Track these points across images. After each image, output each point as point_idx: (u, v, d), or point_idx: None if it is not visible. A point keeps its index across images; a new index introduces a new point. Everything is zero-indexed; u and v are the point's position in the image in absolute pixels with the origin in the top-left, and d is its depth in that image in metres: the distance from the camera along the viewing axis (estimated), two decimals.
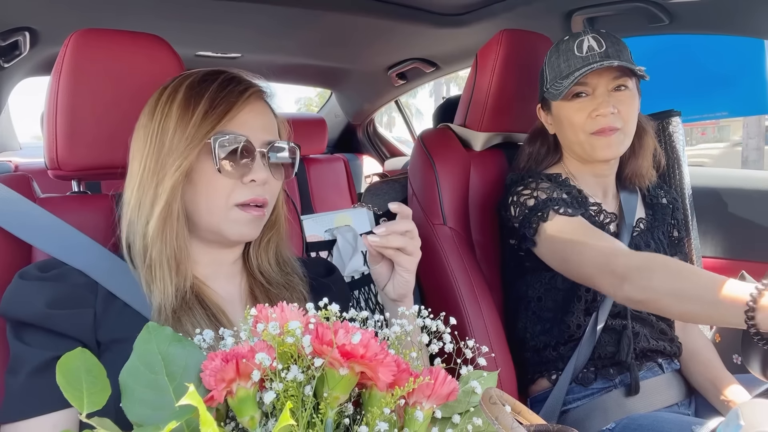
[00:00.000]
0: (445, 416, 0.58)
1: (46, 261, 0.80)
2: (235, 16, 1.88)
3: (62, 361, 0.49)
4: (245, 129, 0.81)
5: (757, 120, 13.93)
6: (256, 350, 0.49)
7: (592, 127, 1.19)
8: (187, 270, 0.80)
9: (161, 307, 0.77)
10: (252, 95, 0.83)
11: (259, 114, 0.84)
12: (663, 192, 1.39)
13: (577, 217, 1.16)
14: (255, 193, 0.82)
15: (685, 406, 1.25)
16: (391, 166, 3.39)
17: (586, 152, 1.23)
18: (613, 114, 1.17)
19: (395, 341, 0.59)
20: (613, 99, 1.18)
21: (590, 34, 1.21)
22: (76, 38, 0.95)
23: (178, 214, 0.80)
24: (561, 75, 1.21)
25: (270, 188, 0.84)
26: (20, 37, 1.76)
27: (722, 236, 1.73)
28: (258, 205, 0.82)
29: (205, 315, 0.79)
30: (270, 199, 0.85)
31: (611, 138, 1.19)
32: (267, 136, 0.84)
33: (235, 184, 0.81)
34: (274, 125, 0.87)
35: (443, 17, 1.91)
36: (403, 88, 2.85)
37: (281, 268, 0.92)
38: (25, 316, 0.73)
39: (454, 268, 1.35)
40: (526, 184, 1.24)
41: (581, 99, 1.20)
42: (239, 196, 0.81)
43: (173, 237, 0.79)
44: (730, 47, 1.80)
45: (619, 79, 1.20)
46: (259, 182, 0.82)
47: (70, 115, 0.93)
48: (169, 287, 0.78)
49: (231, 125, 0.80)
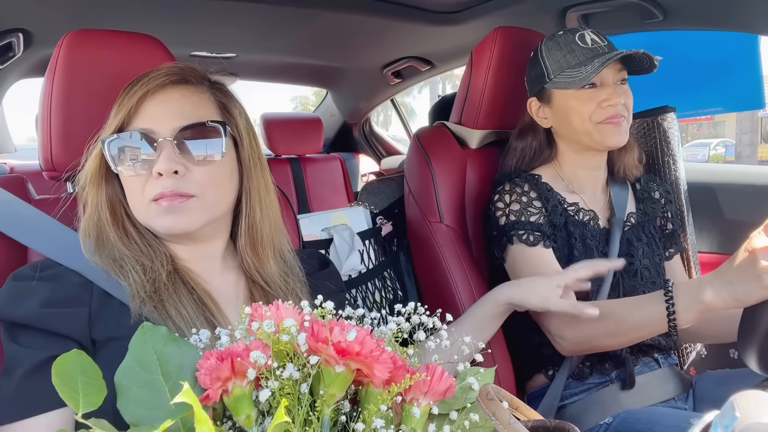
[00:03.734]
0: (443, 413, 0.58)
1: (41, 261, 0.80)
2: (230, 15, 1.88)
3: (58, 362, 0.49)
4: (148, 122, 0.79)
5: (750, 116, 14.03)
6: (252, 348, 0.49)
7: (600, 116, 1.21)
8: (155, 262, 0.80)
9: (135, 293, 0.77)
10: (158, 85, 0.80)
11: (166, 103, 0.81)
12: (655, 186, 1.40)
13: (537, 248, 1.21)
14: (163, 186, 0.78)
15: (682, 401, 1.25)
16: (387, 165, 3.39)
17: (595, 140, 1.24)
18: (621, 104, 1.21)
19: (391, 339, 0.59)
20: (619, 90, 1.21)
21: (588, 29, 1.24)
22: (69, 39, 0.94)
23: (112, 218, 0.81)
24: (569, 65, 1.22)
25: (191, 178, 0.79)
26: (14, 39, 1.75)
27: (718, 231, 1.73)
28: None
29: (191, 299, 0.79)
30: (192, 189, 0.79)
31: (621, 126, 1.22)
32: (177, 122, 0.80)
33: (146, 179, 0.79)
34: (195, 109, 0.82)
35: (438, 15, 1.91)
36: (399, 86, 2.85)
37: (280, 268, 0.91)
38: (19, 317, 0.73)
39: (450, 265, 1.35)
40: (502, 193, 1.27)
41: (590, 89, 1.22)
42: (150, 191, 0.79)
43: (112, 242, 0.81)
44: (724, 43, 1.81)
45: (621, 72, 1.23)
46: (165, 174, 0.78)
47: (64, 116, 0.93)
48: (137, 277, 0.78)
49: (134, 122, 0.80)
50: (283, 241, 0.93)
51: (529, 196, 1.25)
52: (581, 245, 1.23)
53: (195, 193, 0.80)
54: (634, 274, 1.26)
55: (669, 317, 0.96)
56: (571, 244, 1.23)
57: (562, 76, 1.23)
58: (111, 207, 0.83)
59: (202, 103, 0.84)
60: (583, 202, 1.29)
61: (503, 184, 1.29)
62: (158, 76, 0.82)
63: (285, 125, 2.99)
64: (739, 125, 15.50)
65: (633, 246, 1.28)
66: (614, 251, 1.24)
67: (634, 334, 1.06)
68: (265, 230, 0.89)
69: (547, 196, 1.26)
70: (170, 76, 0.82)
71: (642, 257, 1.27)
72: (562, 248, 1.23)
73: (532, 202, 1.25)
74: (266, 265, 0.89)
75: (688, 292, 0.95)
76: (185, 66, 0.86)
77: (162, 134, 0.79)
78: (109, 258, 0.79)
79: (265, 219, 0.89)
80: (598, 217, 1.28)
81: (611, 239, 1.25)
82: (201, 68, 0.88)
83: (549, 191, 1.27)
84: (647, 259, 1.28)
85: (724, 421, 0.50)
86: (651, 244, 1.31)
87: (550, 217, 1.24)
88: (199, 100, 0.84)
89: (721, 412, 0.52)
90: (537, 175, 1.30)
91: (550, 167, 1.33)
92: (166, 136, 0.79)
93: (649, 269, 1.27)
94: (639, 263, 1.27)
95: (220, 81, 0.89)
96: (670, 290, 0.96)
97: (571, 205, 1.27)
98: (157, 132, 0.79)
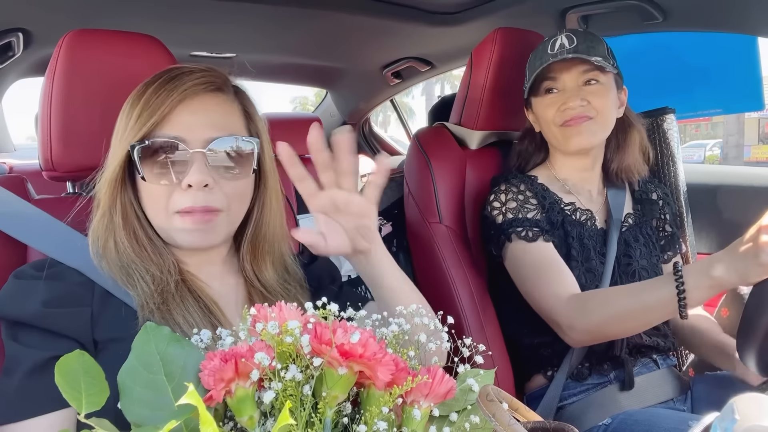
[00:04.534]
0: (443, 414, 0.58)
1: (42, 260, 0.80)
2: (229, 15, 1.88)
3: (61, 362, 0.49)
4: (179, 129, 0.76)
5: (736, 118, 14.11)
6: (255, 350, 0.49)
7: (560, 119, 1.23)
8: (164, 272, 0.78)
9: (144, 304, 0.76)
10: (191, 92, 0.77)
11: (200, 111, 0.78)
12: (653, 187, 1.40)
13: (536, 243, 1.21)
14: (193, 200, 0.75)
15: (681, 402, 1.26)
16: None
17: (561, 144, 1.26)
18: (582, 106, 1.21)
19: (393, 341, 0.59)
20: (583, 92, 1.22)
21: (565, 33, 1.24)
22: (69, 39, 0.94)
23: (124, 223, 0.79)
24: (533, 72, 1.25)
25: (219, 191, 0.78)
26: (14, 38, 1.75)
27: (717, 232, 1.74)
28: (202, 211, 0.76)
29: (198, 307, 0.78)
30: (219, 203, 0.78)
31: (581, 126, 1.22)
32: (210, 133, 0.77)
33: (172, 190, 0.77)
34: (227, 120, 0.80)
35: (438, 16, 1.91)
36: (399, 87, 2.85)
37: (279, 275, 0.89)
38: (21, 316, 0.73)
39: (450, 266, 1.35)
40: (497, 193, 1.28)
41: (552, 95, 1.25)
42: (177, 203, 0.76)
43: (121, 248, 0.78)
44: (723, 44, 1.81)
45: (588, 74, 1.23)
46: (196, 186, 0.75)
47: (64, 116, 0.93)
48: (146, 287, 0.76)
49: (165, 128, 0.76)
50: (285, 247, 0.91)
51: (525, 194, 1.26)
52: (578, 244, 1.23)
53: (222, 207, 0.78)
54: (631, 274, 1.26)
55: (679, 296, 0.94)
56: (568, 243, 1.23)
57: (528, 83, 1.27)
58: (124, 212, 0.80)
59: (232, 113, 0.82)
60: (579, 202, 1.30)
61: (499, 184, 1.30)
62: (193, 81, 0.78)
63: (284, 125, 2.99)
64: (725, 127, 15.60)
65: (630, 247, 1.28)
66: (612, 252, 1.25)
67: (645, 318, 1.05)
68: (267, 238, 0.88)
69: (544, 195, 1.27)
70: (206, 84, 0.79)
71: (639, 258, 1.28)
72: (560, 247, 1.23)
73: (528, 199, 1.26)
74: (265, 272, 0.88)
75: (698, 270, 0.94)
76: (216, 72, 0.83)
77: (194, 144, 0.76)
78: (117, 265, 0.78)
79: (270, 227, 0.88)
80: (595, 217, 1.29)
81: (609, 240, 1.26)
82: (224, 72, 0.84)
83: (545, 191, 1.28)
84: (644, 259, 1.29)
85: (724, 424, 0.50)
86: (648, 245, 1.32)
87: (547, 214, 1.25)
88: (230, 109, 0.82)
89: (721, 414, 0.52)
90: (533, 176, 1.32)
91: (546, 169, 1.35)
92: (199, 147, 0.76)
93: (646, 270, 1.28)
94: (637, 264, 1.27)
95: (241, 87, 0.87)
96: (680, 270, 0.96)
97: (568, 204, 1.28)
98: (189, 141, 0.76)
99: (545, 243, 1.21)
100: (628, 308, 1.03)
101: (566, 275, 1.17)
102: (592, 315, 1.07)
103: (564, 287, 1.14)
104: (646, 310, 1.02)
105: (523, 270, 1.21)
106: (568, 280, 1.16)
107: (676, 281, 0.95)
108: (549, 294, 1.15)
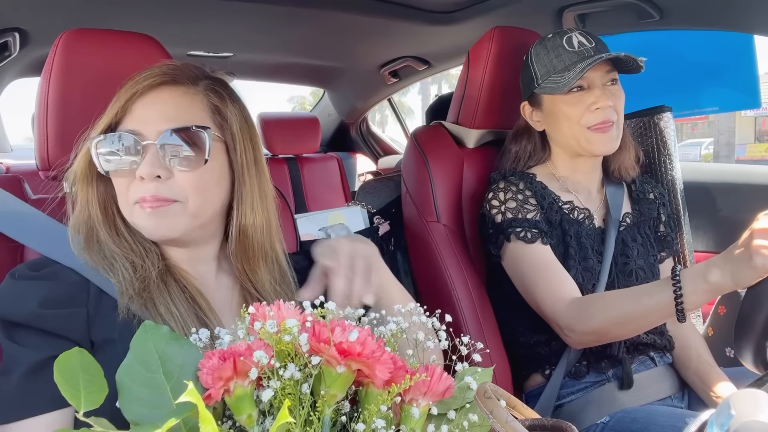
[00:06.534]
0: (441, 412, 0.59)
1: (38, 260, 0.79)
2: (226, 15, 1.88)
3: (60, 359, 0.49)
4: (136, 123, 0.78)
5: (726, 117, 14.14)
6: (254, 348, 0.49)
7: (590, 120, 1.21)
8: (145, 261, 0.79)
9: (123, 290, 0.76)
10: (147, 86, 0.78)
11: (154, 104, 0.79)
12: (650, 187, 1.40)
13: (535, 244, 1.21)
14: (145, 190, 0.76)
15: (679, 399, 1.26)
16: (384, 165, 3.39)
17: (582, 146, 1.24)
18: (610, 107, 1.20)
19: (391, 339, 0.59)
20: (608, 92, 1.21)
21: (576, 31, 1.23)
22: (66, 38, 0.94)
23: (103, 217, 0.81)
24: (555, 70, 1.23)
25: (174, 183, 0.78)
26: (10, 38, 1.75)
27: (714, 231, 1.74)
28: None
29: (183, 298, 0.78)
30: (174, 194, 0.77)
31: (609, 134, 1.21)
32: (163, 125, 0.77)
33: (130, 181, 0.78)
34: (182, 112, 0.80)
35: (435, 15, 1.91)
36: (396, 86, 2.85)
37: (273, 277, 0.88)
38: (18, 317, 0.72)
39: (448, 265, 1.35)
40: (496, 191, 1.27)
41: (578, 93, 1.22)
42: (132, 194, 0.78)
43: (102, 240, 0.80)
44: (720, 43, 1.81)
45: (611, 73, 1.22)
46: (147, 178, 0.76)
47: (60, 116, 0.93)
48: (126, 274, 0.77)
49: (124, 123, 0.79)
50: (278, 248, 0.90)
51: (524, 194, 1.26)
52: (576, 243, 1.23)
53: (177, 198, 0.78)
54: (629, 274, 1.26)
55: (676, 301, 0.95)
56: (566, 243, 1.23)
57: (549, 81, 1.23)
58: (102, 205, 0.82)
59: (192, 105, 0.81)
60: (577, 200, 1.30)
61: (497, 182, 1.29)
62: (149, 76, 0.80)
63: (282, 125, 2.99)
64: (716, 126, 15.63)
65: (628, 246, 1.28)
66: (610, 251, 1.25)
67: (643, 321, 1.06)
68: (257, 237, 0.85)
69: (543, 194, 1.26)
70: (161, 77, 0.80)
71: (637, 257, 1.28)
72: (557, 246, 1.23)
73: (527, 199, 1.25)
74: (257, 273, 0.86)
75: (695, 274, 0.95)
76: (180, 65, 0.83)
77: (147, 137, 0.77)
78: (99, 256, 0.79)
79: (258, 226, 0.85)
80: (593, 216, 1.29)
81: (607, 239, 1.26)
82: (198, 67, 0.85)
83: (544, 189, 1.27)
84: (642, 259, 1.29)
85: (720, 420, 0.50)
86: (646, 245, 1.32)
87: (546, 215, 1.24)
88: (190, 101, 0.81)
89: (717, 410, 0.52)
90: (531, 174, 1.31)
91: (545, 167, 1.34)
92: (151, 140, 0.77)
93: (644, 269, 1.28)
94: (634, 263, 1.27)
95: (219, 79, 0.86)
96: (678, 274, 0.96)
97: (566, 203, 1.28)
98: (143, 134, 0.77)
99: (543, 246, 1.21)
100: (627, 312, 1.04)
101: (565, 278, 1.18)
102: (592, 319, 1.08)
103: (563, 290, 1.15)
104: (645, 314, 1.03)
105: (521, 271, 1.22)
106: (567, 282, 1.17)
107: (673, 286, 0.96)
108: (548, 296, 1.15)
